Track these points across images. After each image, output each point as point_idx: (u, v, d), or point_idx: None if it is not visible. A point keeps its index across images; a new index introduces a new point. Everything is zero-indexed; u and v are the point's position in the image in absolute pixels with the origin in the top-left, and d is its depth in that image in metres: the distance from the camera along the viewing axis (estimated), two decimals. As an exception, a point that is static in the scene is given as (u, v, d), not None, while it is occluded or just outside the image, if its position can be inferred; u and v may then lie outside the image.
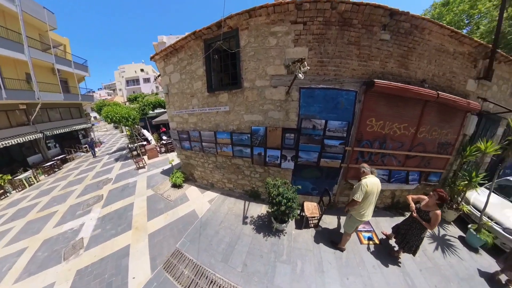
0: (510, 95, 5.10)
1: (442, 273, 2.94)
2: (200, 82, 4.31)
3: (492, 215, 3.78)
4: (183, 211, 4.44)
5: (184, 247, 3.37)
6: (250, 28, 3.36)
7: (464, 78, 4.13)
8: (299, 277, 2.74)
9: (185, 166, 5.93)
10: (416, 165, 4.26)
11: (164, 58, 4.81)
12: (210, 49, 3.82)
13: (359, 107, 3.59)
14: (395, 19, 3.08)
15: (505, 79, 4.73)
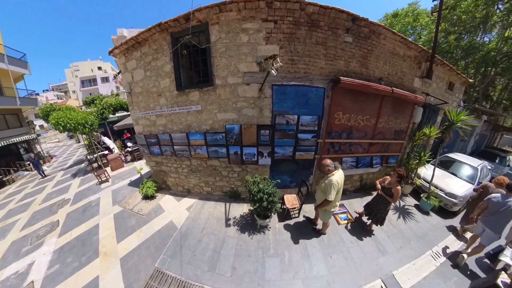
0: (445, 91, 6.28)
1: (405, 235, 3.68)
2: (168, 80, 4.00)
3: (437, 184, 4.74)
4: (159, 224, 4.02)
5: (164, 265, 3.05)
6: (220, 23, 3.26)
7: (412, 77, 4.90)
8: (288, 267, 2.92)
9: (156, 174, 5.41)
10: (378, 150, 4.93)
11: (125, 52, 4.31)
12: (178, 44, 3.56)
13: (328, 102, 3.90)
14: (356, 24, 3.41)
15: (441, 78, 5.80)
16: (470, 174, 5.09)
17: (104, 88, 27.16)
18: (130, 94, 4.77)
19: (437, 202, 4.42)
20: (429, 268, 3.01)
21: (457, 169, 5.37)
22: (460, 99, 7.64)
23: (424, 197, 4.53)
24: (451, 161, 5.73)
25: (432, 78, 5.27)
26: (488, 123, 11.53)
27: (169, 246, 3.39)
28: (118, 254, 3.41)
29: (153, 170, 5.47)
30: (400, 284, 2.71)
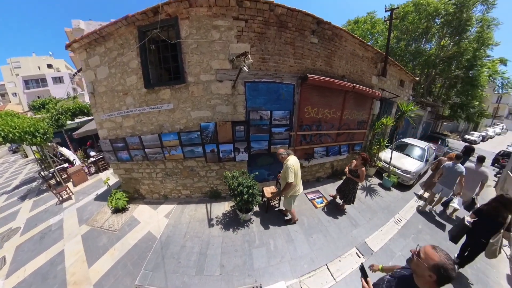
0: (397, 87, 7.36)
1: (372, 209, 4.46)
2: (135, 77, 3.76)
3: (394, 164, 5.70)
4: (135, 238, 3.69)
5: (146, 280, 2.84)
6: (191, 19, 3.23)
7: (370, 75, 5.61)
8: (274, 253, 3.17)
9: (126, 182, 4.90)
10: (345, 139, 5.57)
11: (87, 47, 3.86)
12: (146, 38, 3.40)
13: (297, 97, 4.22)
14: (321, 27, 3.77)
15: (394, 76, 6.82)
16: (420, 154, 6.25)
17: (58, 90, 22.77)
18: (93, 94, 4.29)
19: (396, 179, 5.52)
20: (393, 232, 3.80)
21: (410, 150, 6.50)
22: (410, 93, 8.96)
23: (385, 176, 5.49)
24: (405, 144, 6.87)
25: (387, 76, 6.13)
26: (431, 113, 13.87)
27: (149, 259, 3.19)
28: (91, 280, 3.01)
29: (122, 179, 4.92)
30: (371, 248, 3.33)
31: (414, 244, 3.46)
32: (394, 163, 5.74)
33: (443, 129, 19.64)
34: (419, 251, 1.15)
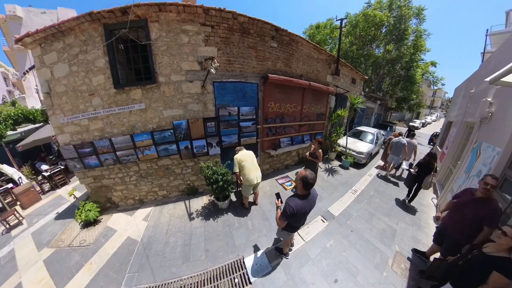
0: (350, 84, 8.69)
1: (333, 185, 5.47)
2: (102, 76, 3.73)
3: (350, 148, 6.94)
4: (114, 247, 3.58)
5: (132, 282, 2.89)
6: (160, 22, 3.45)
7: (325, 74, 6.58)
8: (252, 231, 3.67)
9: (96, 192, 4.57)
10: (307, 130, 6.47)
11: (42, 42, 3.56)
12: (114, 37, 3.42)
13: (261, 95, 4.82)
14: (279, 33, 4.43)
15: (346, 75, 8.08)
16: (371, 138, 7.70)
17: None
18: (49, 94, 3.94)
19: (352, 159, 6.85)
20: (350, 200, 4.81)
21: (363, 136, 7.92)
22: (361, 89, 10.54)
23: (344, 158, 6.82)
24: (359, 131, 8.31)
25: (340, 75, 7.26)
26: (381, 105, 16.49)
27: (133, 262, 3.20)
28: (67, 301, 2.78)
29: (90, 189, 4.56)
30: (333, 214, 4.21)
31: (367, 207, 4.57)
32: (350, 147, 7.06)
33: (392, 118, 23.58)
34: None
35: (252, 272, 2.82)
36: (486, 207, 2.20)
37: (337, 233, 3.67)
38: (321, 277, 2.78)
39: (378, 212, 4.37)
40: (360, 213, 4.27)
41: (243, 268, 2.90)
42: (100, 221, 4.32)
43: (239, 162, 3.78)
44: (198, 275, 2.87)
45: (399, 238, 3.60)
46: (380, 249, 3.31)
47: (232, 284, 2.68)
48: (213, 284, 2.70)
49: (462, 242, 2.41)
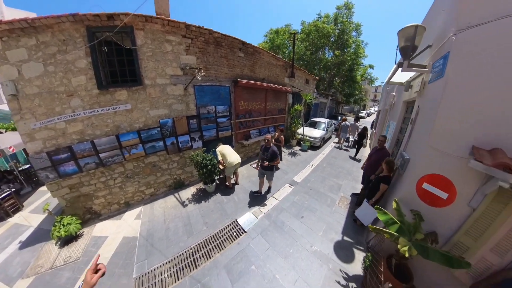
0: (304, 84, 10.60)
1: (295, 163, 7.20)
2: (84, 77, 3.72)
3: (307, 134, 8.81)
4: (110, 250, 3.51)
5: (144, 268, 3.08)
6: (146, 31, 3.91)
7: (283, 77, 8.12)
8: (238, 202, 4.70)
9: (73, 203, 4.17)
10: (271, 122, 7.90)
11: (6, 35, 3.19)
12: (97, 39, 3.54)
13: (233, 96, 5.88)
14: (245, 46, 5.56)
15: (300, 77, 9.91)
16: (323, 126, 10.02)
17: None
18: (15, 97, 3.50)
19: (309, 144, 8.96)
20: (309, 171, 6.61)
21: (317, 125, 10.20)
22: (313, 88, 12.78)
23: (302, 143, 8.86)
24: (314, 122, 10.60)
25: (295, 77, 8.96)
26: (332, 100, 19.92)
27: (138, 254, 3.34)
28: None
29: (65, 201, 4.12)
30: (296, 181, 5.76)
31: (322, 176, 6.23)
32: (307, 134, 9.22)
33: (344, 111, 29.34)
34: None
35: (244, 226, 3.89)
36: (382, 153, 3.91)
37: (300, 192, 5.19)
38: (292, 217, 4.14)
39: (329, 176, 6.22)
40: (316, 178, 6.04)
41: (238, 225, 3.93)
42: (82, 235, 3.97)
43: (220, 151, 4.81)
44: (204, 240, 3.55)
45: (343, 189, 5.43)
46: (331, 196, 4.99)
47: (232, 236, 3.67)
48: (218, 241, 3.58)
49: (370, 176, 4.03)
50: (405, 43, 2.63)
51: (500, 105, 1.80)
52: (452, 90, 2.07)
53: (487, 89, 1.85)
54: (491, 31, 1.80)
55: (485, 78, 1.86)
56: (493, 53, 1.80)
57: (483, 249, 1.98)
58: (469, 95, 1.97)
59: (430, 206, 2.33)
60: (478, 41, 1.88)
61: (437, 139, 2.22)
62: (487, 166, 1.66)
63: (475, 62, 1.91)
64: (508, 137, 1.78)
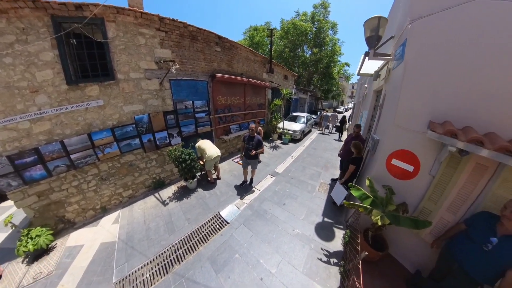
0: (283, 80, 10.97)
1: (277, 156, 7.56)
2: (50, 71, 3.49)
3: (288, 128, 9.28)
4: (87, 258, 3.32)
5: (124, 271, 3.01)
6: (118, 23, 3.80)
7: (261, 72, 8.32)
8: (220, 196, 4.79)
9: (42, 213, 3.79)
10: (251, 117, 8.06)
11: None
12: (64, 30, 3.33)
13: (211, 90, 5.93)
14: (222, 40, 5.61)
15: (279, 73, 10.22)
16: (303, 120, 10.59)
17: None
18: None
19: (289, 137, 9.44)
20: (290, 162, 6.96)
21: (297, 119, 10.75)
22: (293, 84, 13.24)
23: (283, 136, 9.31)
24: (294, 116, 11.24)
25: (274, 73, 9.23)
26: (312, 96, 20.68)
27: (117, 258, 3.23)
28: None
29: (33, 212, 3.75)
30: (278, 172, 6.09)
31: (302, 166, 6.60)
32: (287, 128, 9.74)
33: (323, 106, 30.52)
34: None
35: (227, 217, 4.01)
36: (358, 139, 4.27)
37: (282, 181, 5.48)
38: (274, 205, 4.38)
39: (309, 165, 6.66)
40: (297, 168, 6.48)
41: (221, 217, 4.04)
42: (54, 247, 3.63)
43: (199, 146, 4.92)
44: (186, 236, 3.56)
45: (323, 176, 5.85)
46: (311, 183, 5.35)
47: (215, 228, 3.77)
48: (201, 235, 3.64)
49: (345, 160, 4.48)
50: (370, 33, 2.96)
51: (449, 84, 2.18)
52: (410, 73, 2.42)
53: (438, 70, 2.24)
54: (438, 20, 2.16)
55: (436, 61, 2.23)
56: (440, 38, 2.17)
57: (441, 210, 2.41)
58: (424, 77, 2.33)
59: (400, 179, 2.70)
60: (428, 29, 2.24)
61: (401, 118, 2.57)
62: (439, 134, 2.03)
63: (427, 47, 2.27)
64: (457, 111, 2.17)
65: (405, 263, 2.91)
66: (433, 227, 2.46)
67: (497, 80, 1.96)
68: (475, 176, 2.12)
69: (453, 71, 2.16)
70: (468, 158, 2.10)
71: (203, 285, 2.76)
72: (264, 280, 2.80)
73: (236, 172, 5.97)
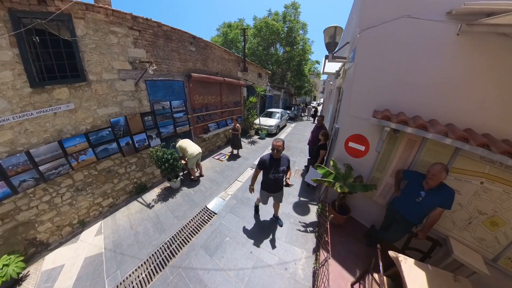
0: (257, 78, 11.43)
1: (256, 150, 8.15)
2: (10, 73, 3.17)
3: (264, 124, 9.99)
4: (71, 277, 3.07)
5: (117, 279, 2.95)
6: (87, 20, 3.63)
7: (236, 71, 8.63)
8: (205, 191, 5.05)
9: (8, 238, 3.34)
10: (228, 115, 8.36)
11: None
12: (25, 27, 3.07)
13: (187, 90, 6.06)
14: (196, 40, 5.75)
15: (253, 71, 10.60)
16: (278, 116, 11.38)
17: None
18: None
19: (266, 132, 10.29)
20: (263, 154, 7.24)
21: (272, 115, 11.50)
22: (267, 81, 13.85)
23: (260, 132, 10.14)
24: (270, 112, 11.99)
25: (248, 71, 9.61)
26: (286, 93, 22.18)
27: (107, 268, 3.14)
28: None
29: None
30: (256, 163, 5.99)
31: None
32: (263, 123, 10.47)
33: (297, 102, 32.30)
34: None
35: (214, 209, 4.33)
36: (321, 129, 4.95)
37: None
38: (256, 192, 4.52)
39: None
40: None
41: (208, 210, 4.32)
42: (27, 275, 3.22)
43: (180, 146, 5.08)
44: (177, 232, 3.73)
45: (297, 164, 6.64)
46: None
47: (204, 220, 4.04)
48: (191, 228, 3.87)
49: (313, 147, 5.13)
50: (329, 39, 3.63)
51: (387, 81, 2.88)
52: (359, 73, 3.09)
53: (379, 70, 2.95)
54: (380, 31, 2.80)
55: (378, 62, 2.90)
56: (381, 45, 2.83)
57: (386, 176, 3.18)
58: (369, 75, 3.01)
59: (355, 158, 3.43)
60: (373, 37, 2.87)
61: (353, 109, 3.27)
62: (378, 119, 2.73)
63: (371, 52, 2.94)
64: (394, 101, 2.89)
65: (364, 222, 3.76)
66: (381, 189, 3.27)
67: (419, 78, 2.70)
68: (408, 148, 2.85)
69: (389, 71, 2.88)
70: (401, 135, 2.81)
71: (200, 269, 3.05)
72: (253, 252, 3.28)
73: (218, 168, 6.25)
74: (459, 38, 2.31)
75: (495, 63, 2.26)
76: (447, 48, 2.46)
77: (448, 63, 2.48)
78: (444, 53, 2.48)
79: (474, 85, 2.41)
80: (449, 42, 2.42)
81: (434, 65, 2.57)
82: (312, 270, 2.98)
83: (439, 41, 2.49)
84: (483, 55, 2.28)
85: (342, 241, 3.31)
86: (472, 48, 2.32)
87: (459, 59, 2.40)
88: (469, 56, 2.35)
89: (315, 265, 3.00)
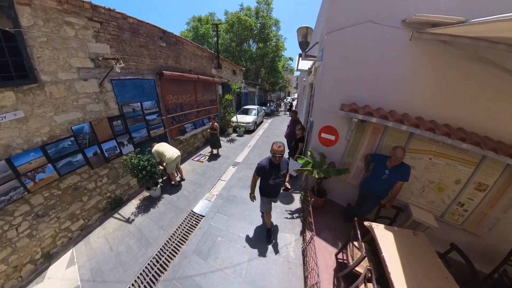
0: (232, 75, 11.27)
1: (235, 148, 8.13)
2: None
3: (241, 121, 10.04)
4: None
5: None
6: (34, 7, 3.03)
7: (210, 68, 8.34)
8: (189, 195, 4.86)
9: None
10: (204, 114, 8.10)
11: None
12: None
13: (159, 89, 5.66)
14: (166, 35, 5.36)
15: (227, 68, 10.40)
16: (254, 112, 11.55)
17: None
18: None
19: (244, 129, 10.20)
20: (247, 151, 7.73)
21: (249, 112, 11.64)
22: (241, 78, 13.72)
23: (238, 129, 9.97)
24: (246, 109, 12.12)
25: (222, 68, 9.37)
26: (261, 89, 22.25)
27: None
28: None
29: None
30: (238, 162, 6.67)
31: (258, 153, 7.54)
32: (240, 121, 10.42)
33: (272, 98, 33.04)
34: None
35: (201, 212, 4.22)
36: (296, 123, 5.18)
37: (243, 169, 6.16)
38: (241, 189, 4.98)
39: (265, 151, 7.57)
40: (254, 155, 7.36)
41: (195, 214, 4.17)
42: None
43: (157, 150, 4.75)
44: (165, 243, 3.47)
45: None
46: None
47: (193, 225, 3.90)
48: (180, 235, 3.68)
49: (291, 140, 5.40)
50: (302, 39, 3.89)
51: (352, 78, 3.30)
52: (327, 71, 3.46)
53: (344, 68, 3.36)
54: (344, 33, 3.16)
55: (342, 61, 3.29)
56: (344, 46, 3.22)
57: (356, 161, 3.67)
58: (336, 73, 3.41)
59: (328, 147, 3.87)
60: (337, 39, 3.24)
61: (324, 103, 3.67)
62: (346, 112, 3.11)
63: (336, 51, 3.32)
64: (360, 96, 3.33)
65: (340, 202, 4.26)
66: (353, 173, 3.78)
67: (379, 75, 3.20)
68: (374, 135, 3.33)
69: (354, 69, 3.32)
70: (368, 125, 3.25)
71: (196, 275, 2.94)
72: (246, 247, 3.40)
73: (198, 170, 6.05)
74: (411, 42, 2.77)
75: (436, 64, 2.82)
76: (402, 50, 2.93)
77: (403, 63, 2.98)
78: (399, 55, 2.96)
79: (421, 81, 2.97)
80: (403, 45, 2.88)
81: (392, 65, 3.05)
82: (301, 250, 3.29)
83: (395, 44, 2.94)
84: (429, 57, 2.83)
85: (323, 220, 3.71)
86: (421, 51, 2.84)
87: (411, 60, 2.92)
88: (418, 57, 2.88)
89: (303, 245, 3.34)
